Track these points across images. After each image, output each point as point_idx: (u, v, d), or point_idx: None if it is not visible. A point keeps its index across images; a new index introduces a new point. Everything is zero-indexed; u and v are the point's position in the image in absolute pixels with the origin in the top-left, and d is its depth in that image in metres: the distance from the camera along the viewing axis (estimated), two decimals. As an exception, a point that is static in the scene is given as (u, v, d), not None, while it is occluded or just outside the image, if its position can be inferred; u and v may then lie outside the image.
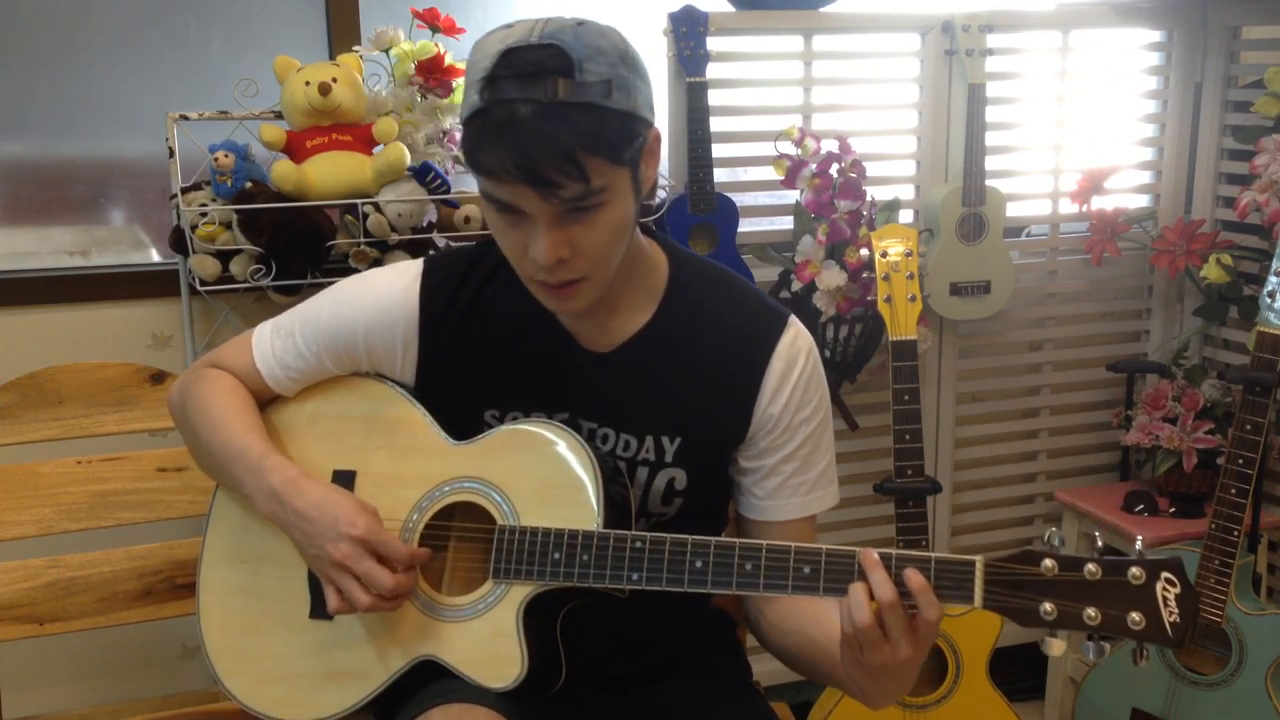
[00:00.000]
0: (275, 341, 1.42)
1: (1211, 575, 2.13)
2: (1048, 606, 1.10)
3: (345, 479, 1.38)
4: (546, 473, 1.29)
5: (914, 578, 1.13)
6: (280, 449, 1.39)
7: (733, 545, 1.21)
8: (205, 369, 1.45)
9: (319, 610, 1.36)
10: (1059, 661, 2.64)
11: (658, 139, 1.25)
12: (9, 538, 1.70)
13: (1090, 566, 1.10)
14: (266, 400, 1.45)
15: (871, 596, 1.13)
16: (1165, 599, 1.09)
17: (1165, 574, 1.09)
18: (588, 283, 1.24)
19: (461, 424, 1.36)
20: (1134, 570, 1.09)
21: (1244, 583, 2.18)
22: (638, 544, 1.23)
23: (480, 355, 1.36)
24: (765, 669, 1.60)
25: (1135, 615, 1.09)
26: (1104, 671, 2.33)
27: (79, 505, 1.73)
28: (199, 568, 1.45)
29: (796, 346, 1.36)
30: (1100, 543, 1.14)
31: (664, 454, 1.35)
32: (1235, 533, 2.10)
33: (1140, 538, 1.16)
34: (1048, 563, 1.11)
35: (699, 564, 1.22)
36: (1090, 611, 1.09)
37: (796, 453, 1.36)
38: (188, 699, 1.80)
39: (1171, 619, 1.09)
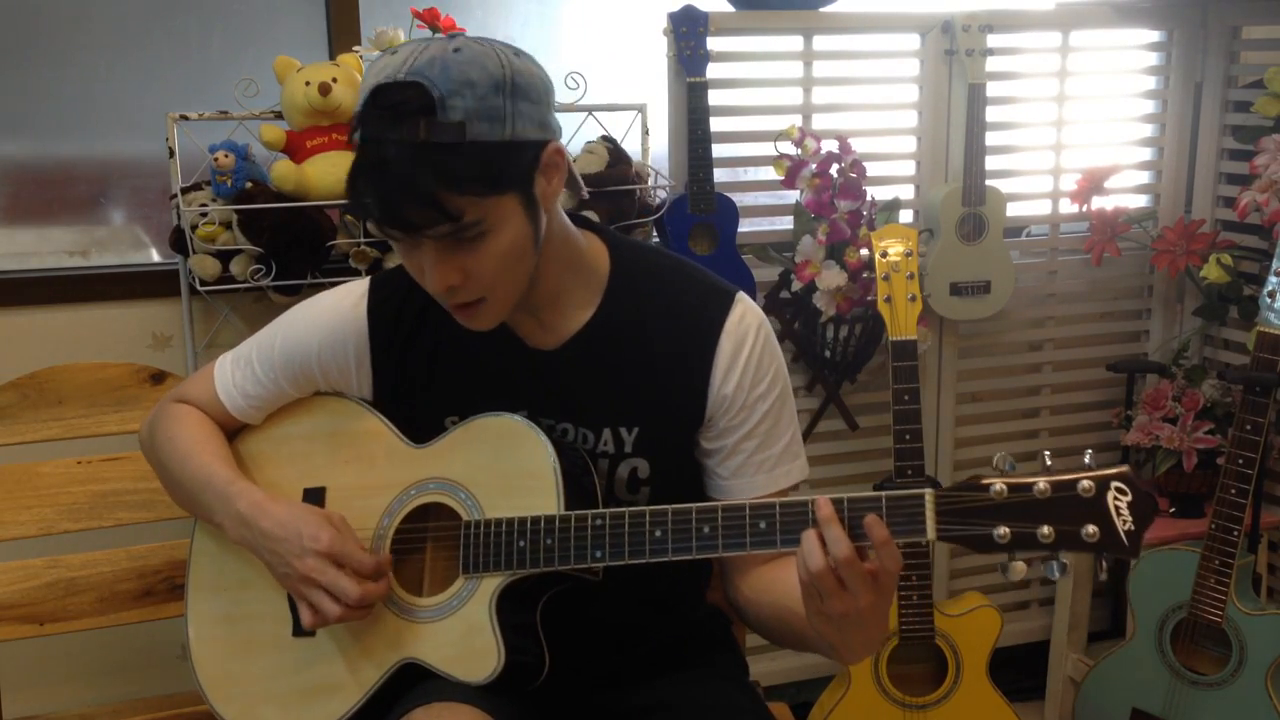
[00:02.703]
0: (235, 372, 1.45)
1: (1211, 575, 2.12)
2: (1001, 530, 1.09)
3: (316, 496, 1.40)
4: (506, 464, 1.30)
5: (876, 530, 1.12)
6: (251, 476, 1.42)
7: (689, 510, 1.22)
8: (172, 404, 1.49)
9: (301, 628, 1.37)
10: (1059, 661, 2.64)
11: (558, 152, 1.23)
12: (9, 538, 1.70)
13: (1040, 485, 1.09)
14: (234, 430, 1.47)
15: (826, 548, 1.12)
16: (1118, 508, 1.08)
17: (1116, 484, 1.08)
18: (488, 303, 1.25)
19: (424, 432, 1.38)
20: (1084, 483, 1.08)
21: (1244, 583, 2.18)
22: (598, 521, 1.24)
23: (433, 364, 1.38)
24: (765, 669, 1.60)
25: (1090, 528, 1.08)
26: (1104, 671, 2.33)
27: (79, 505, 1.73)
28: (185, 602, 1.47)
29: (745, 323, 1.35)
30: (1049, 461, 1.13)
31: (623, 444, 1.35)
32: (1235, 533, 2.10)
33: (1090, 450, 1.13)
34: (997, 486, 1.10)
35: (658, 533, 1.22)
36: (1044, 530, 1.08)
37: (756, 429, 1.36)
38: (187, 699, 1.80)
39: (1126, 527, 1.08)
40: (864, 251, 2.28)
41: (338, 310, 1.40)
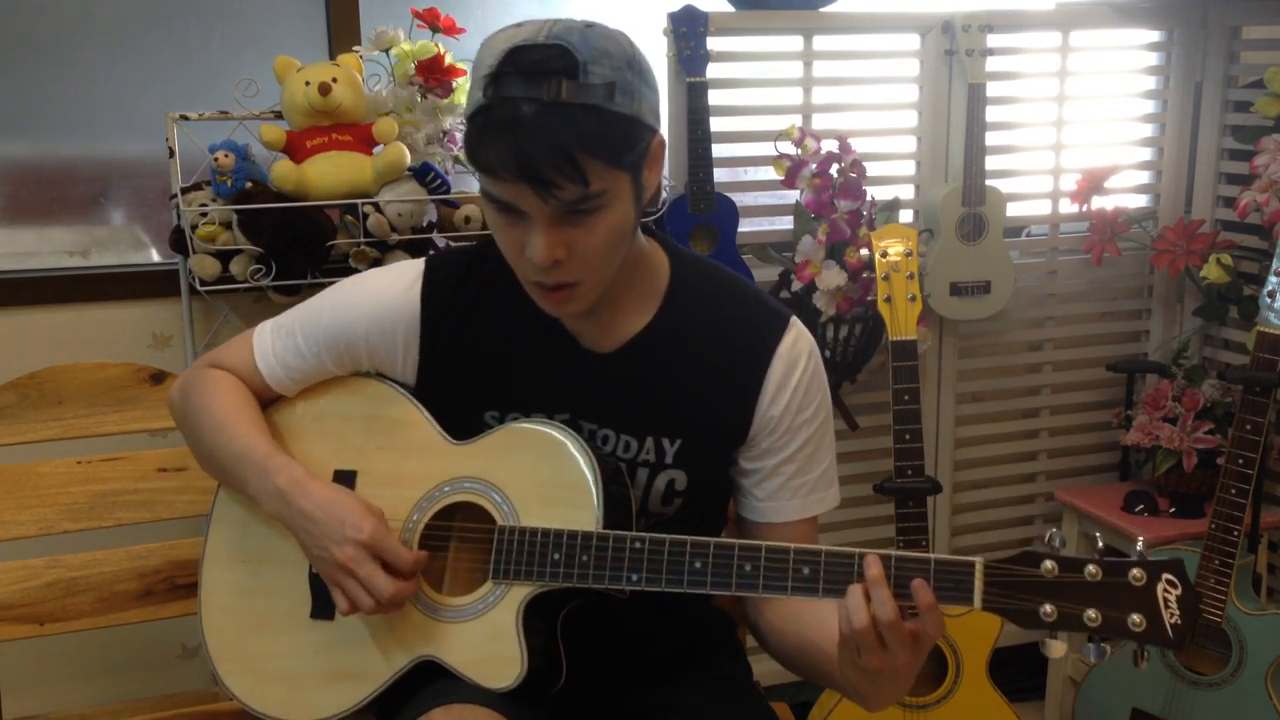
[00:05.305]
0: (276, 341, 1.42)
1: (1211, 575, 2.12)
2: (1048, 608, 1.10)
3: (346, 479, 1.38)
4: (547, 473, 1.29)
5: (923, 595, 1.12)
6: (282, 449, 1.39)
7: (732, 546, 1.21)
8: (206, 369, 1.45)
9: (320, 610, 1.36)
10: (1059, 661, 2.64)
11: (662, 145, 1.24)
12: (9, 538, 1.70)
13: (1090, 568, 1.09)
14: (267, 400, 1.45)
15: (869, 601, 1.12)
16: (1166, 600, 1.08)
17: (1166, 575, 1.08)
18: (583, 287, 1.24)
19: (462, 424, 1.36)
20: (1135, 572, 1.08)
21: (1244, 583, 2.18)
22: (637, 545, 1.23)
23: (481, 356, 1.36)
24: (765, 669, 1.60)
25: (1136, 617, 1.08)
26: (1104, 671, 2.33)
27: (79, 505, 1.73)
28: (200, 567, 1.45)
29: (798, 348, 1.36)
30: (1101, 543, 1.14)
31: (664, 455, 1.35)
32: (1235, 533, 2.10)
33: (1141, 539, 1.15)
34: (1048, 564, 1.10)
35: (698, 564, 1.22)
36: (1091, 613, 1.09)
37: (797, 454, 1.36)
38: (188, 699, 1.80)
39: (1172, 620, 1.08)
40: (864, 251, 2.28)
41: (391, 291, 1.37)
